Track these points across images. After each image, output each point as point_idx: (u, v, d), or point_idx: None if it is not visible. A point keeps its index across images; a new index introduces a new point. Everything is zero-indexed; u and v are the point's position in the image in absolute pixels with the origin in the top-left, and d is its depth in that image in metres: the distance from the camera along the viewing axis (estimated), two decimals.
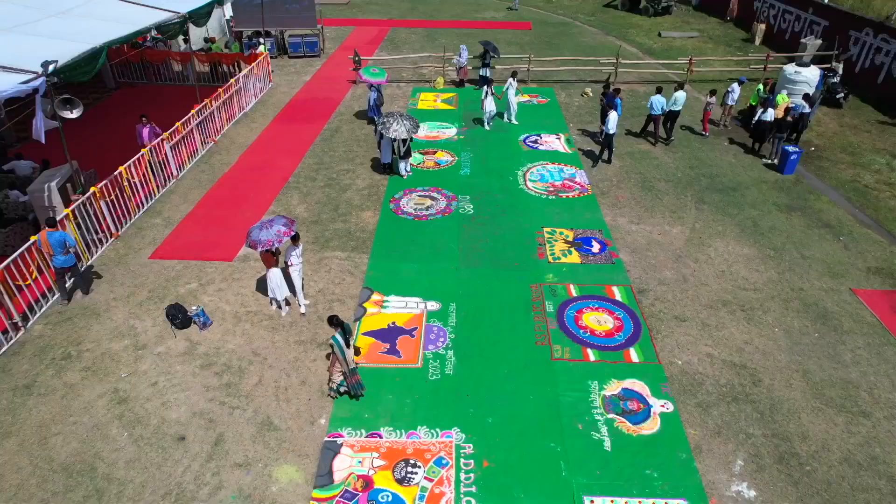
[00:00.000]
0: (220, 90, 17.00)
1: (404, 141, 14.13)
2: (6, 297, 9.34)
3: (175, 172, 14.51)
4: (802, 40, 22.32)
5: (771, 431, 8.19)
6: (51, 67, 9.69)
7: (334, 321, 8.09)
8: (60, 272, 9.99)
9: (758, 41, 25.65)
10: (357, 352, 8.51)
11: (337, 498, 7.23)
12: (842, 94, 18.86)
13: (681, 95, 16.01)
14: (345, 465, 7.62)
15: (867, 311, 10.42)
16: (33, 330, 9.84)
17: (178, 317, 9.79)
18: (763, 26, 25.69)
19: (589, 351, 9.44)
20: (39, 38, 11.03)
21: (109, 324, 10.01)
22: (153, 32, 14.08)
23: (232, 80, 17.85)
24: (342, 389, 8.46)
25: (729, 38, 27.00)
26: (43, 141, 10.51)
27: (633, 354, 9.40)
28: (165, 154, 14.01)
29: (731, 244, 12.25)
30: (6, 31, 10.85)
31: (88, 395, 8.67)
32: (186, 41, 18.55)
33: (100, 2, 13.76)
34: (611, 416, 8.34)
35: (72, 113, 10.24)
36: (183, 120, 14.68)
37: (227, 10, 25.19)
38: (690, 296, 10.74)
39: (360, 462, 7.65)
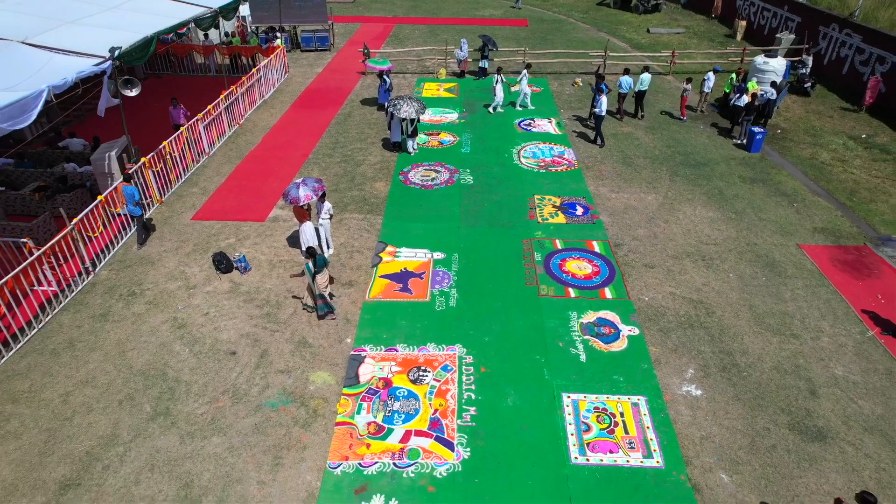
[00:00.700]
0: (244, 78, 18.78)
1: (412, 121, 15.92)
2: (81, 245, 11.13)
3: (207, 150, 16.29)
4: (777, 35, 24.11)
5: (718, 349, 9.96)
6: (116, 52, 11.46)
7: (310, 252, 10.06)
8: (131, 219, 12.01)
9: (739, 37, 27.44)
10: (331, 280, 10.28)
11: (363, 394, 9.00)
12: (809, 84, 20.65)
13: (646, 77, 18.14)
14: (368, 371, 9.39)
15: (808, 260, 12.21)
16: (101, 274, 11.62)
17: (223, 262, 11.58)
18: (744, 23, 27.48)
19: (570, 290, 11.22)
20: (99, 28, 12.80)
21: (163, 269, 11.80)
22: (191, 25, 15.86)
23: (254, 70, 19.64)
24: (309, 309, 10.50)
25: (712, 33, 28.80)
26: (102, 115, 12.30)
27: (608, 292, 11.18)
28: (199, 133, 15.79)
29: (697, 209, 14.04)
30: (72, 22, 12.63)
31: (153, 322, 10.45)
32: (207, 36, 20.34)
33: None
34: (586, 337, 10.12)
35: (132, 91, 12.02)
36: (213, 103, 16.47)
37: (244, 9, 26.92)
38: (659, 249, 12.52)
39: (380, 369, 9.43)
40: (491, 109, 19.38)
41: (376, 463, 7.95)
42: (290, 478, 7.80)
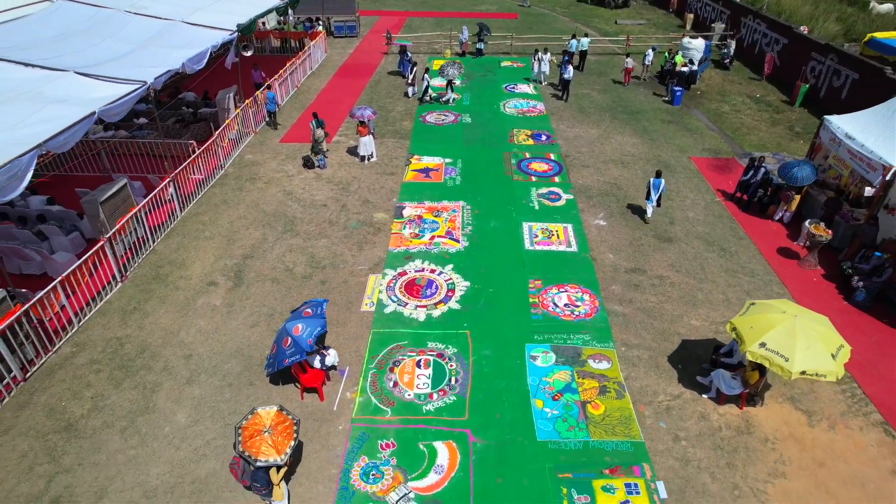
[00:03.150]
0: (301, 53, 25.10)
1: (451, 81, 22.30)
2: (219, 149, 17.43)
3: (279, 102, 22.59)
4: (712, 24, 30.46)
5: (620, 206, 16.25)
6: (239, 26, 17.79)
7: (315, 116, 16.33)
8: (270, 113, 18.70)
9: (688, 26, 33.80)
10: (326, 134, 16.58)
11: (406, 222, 15.29)
12: (728, 60, 27.00)
13: (585, 40, 25.01)
14: (407, 212, 15.70)
15: (692, 165, 18.53)
16: (228, 169, 17.93)
17: (309, 162, 17.89)
18: (691, 15, 33.85)
19: (532, 177, 17.54)
20: (221, 14, 19.10)
21: (269, 167, 18.11)
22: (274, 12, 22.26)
23: (307, 47, 25.97)
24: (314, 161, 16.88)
25: (668, 24, 35.17)
26: (229, 68, 18.64)
27: (557, 179, 17.49)
28: (276, 88, 22.10)
29: (625, 137, 20.36)
30: (204, 8, 18.97)
31: (271, 192, 16.76)
32: (264, 23, 26.60)
33: None
34: (540, 199, 16.42)
35: (247, 52, 18.32)
36: (282, 69, 22.77)
37: None
38: (594, 158, 18.85)
39: (415, 210, 15.73)
40: (542, 82, 25.45)
41: (416, 249, 14.24)
42: (368, 254, 14.10)
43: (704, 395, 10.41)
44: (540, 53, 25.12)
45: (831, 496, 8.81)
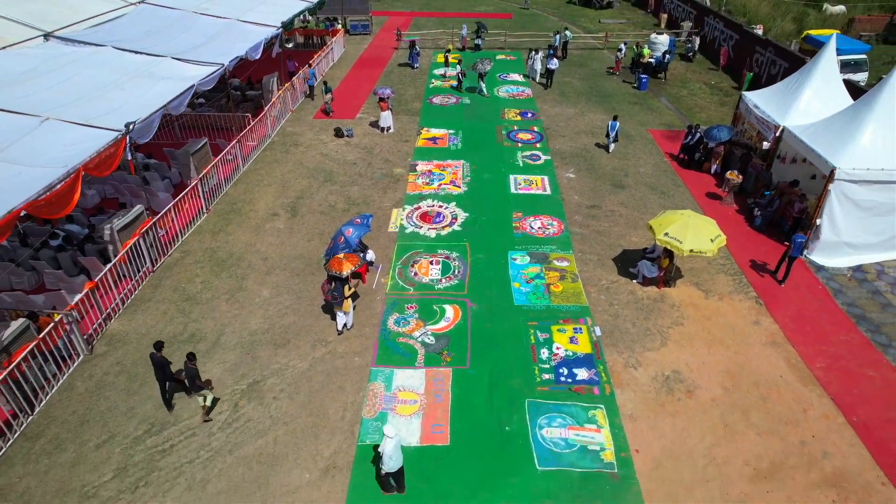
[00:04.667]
0: (324, 47, 29.48)
1: (483, 73, 26.49)
2: (267, 121, 21.78)
3: (315, 81, 26.94)
4: (682, 23, 34.83)
5: (587, 164, 20.58)
6: (283, 23, 22.18)
7: (325, 83, 20.81)
8: (310, 87, 23.01)
9: (662, 25, 38.16)
10: (332, 98, 21.09)
11: (419, 175, 19.63)
12: (692, 53, 31.36)
13: (568, 33, 29.06)
14: (419, 168, 20.04)
15: (649, 135, 22.89)
16: (274, 138, 22.30)
17: (339, 131, 22.26)
18: (665, 15, 38.24)
19: (519, 144, 21.90)
20: (264, 13, 23.48)
21: (306, 136, 22.47)
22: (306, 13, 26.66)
23: (329, 43, 30.35)
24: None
25: (646, 23, 39.54)
26: (275, 56, 23.02)
27: (538, 146, 21.85)
28: (315, 66, 26.47)
29: (596, 115, 24.72)
30: (252, 9, 23.34)
31: (311, 154, 21.11)
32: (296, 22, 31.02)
33: None
34: (524, 159, 20.76)
35: (289, 45, 22.62)
36: (312, 60, 27.13)
37: None
38: (570, 130, 23.20)
39: (425, 167, 20.08)
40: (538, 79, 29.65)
41: (428, 193, 18.59)
42: (391, 196, 18.44)
43: (634, 280, 14.74)
44: (533, 53, 29.42)
45: (711, 336, 13.13)
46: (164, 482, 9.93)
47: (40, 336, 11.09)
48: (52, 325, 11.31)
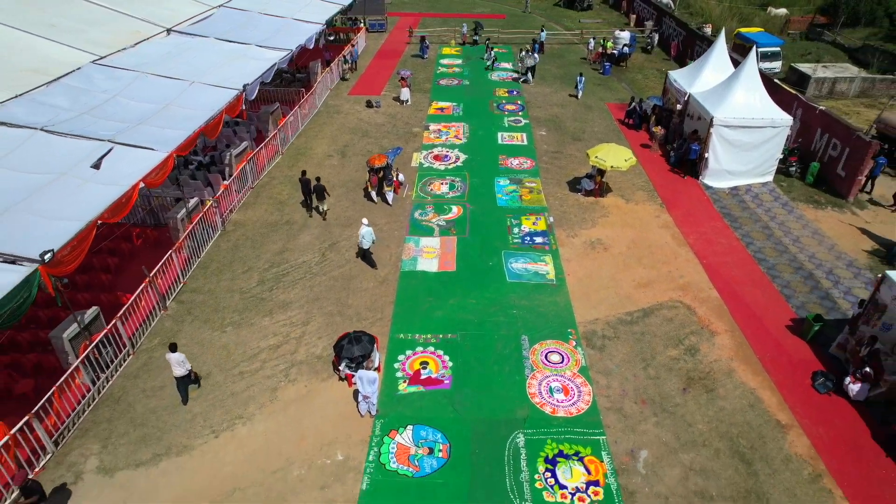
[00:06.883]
0: (352, 41, 36.58)
1: (533, 68, 33.51)
2: (314, 96, 28.82)
3: (339, 73, 34.03)
4: (646, 22, 41.93)
5: (557, 126, 27.64)
6: (327, 20, 29.29)
7: (345, 57, 27.80)
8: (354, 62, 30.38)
9: (632, 24, 45.23)
10: (351, 70, 28.32)
11: (432, 131, 26.68)
12: (650, 46, 38.44)
13: (543, 34, 36.24)
14: (431, 128, 27.10)
15: (605, 107, 29.98)
16: (320, 109, 29.36)
17: (370, 103, 29.33)
18: (635, 16, 45.34)
19: (506, 112, 28.98)
20: (310, 13, 30.56)
21: (344, 108, 29.55)
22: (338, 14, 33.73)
23: (353, 38, 37.46)
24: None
25: (618, 22, 46.61)
26: (311, 48, 30.08)
27: (520, 113, 28.92)
28: (356, 41, 33.53)
29: (567, 93, 31.78)
30: (301, 10, 30.40)
31: (350, 119, 28.18)
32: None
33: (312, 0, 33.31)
34: (510, 123, 27.84)
35: (330, 38, 29.66)
36: (342, 52, 34.20)
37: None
38: (544, 102, 30.27)
39: (436, 126, 27.14)
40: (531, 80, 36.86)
41: (439, 144, 25.63)
42: (412, 145, 25.49)
43: (578, 193, 21.78)
44: (523, 53, 36.48)
45: (626, 223, 20.15)
46: (287, 286, 16.98)
47: (204, 209, 18.16)
48: (209, 205, 18.37)
